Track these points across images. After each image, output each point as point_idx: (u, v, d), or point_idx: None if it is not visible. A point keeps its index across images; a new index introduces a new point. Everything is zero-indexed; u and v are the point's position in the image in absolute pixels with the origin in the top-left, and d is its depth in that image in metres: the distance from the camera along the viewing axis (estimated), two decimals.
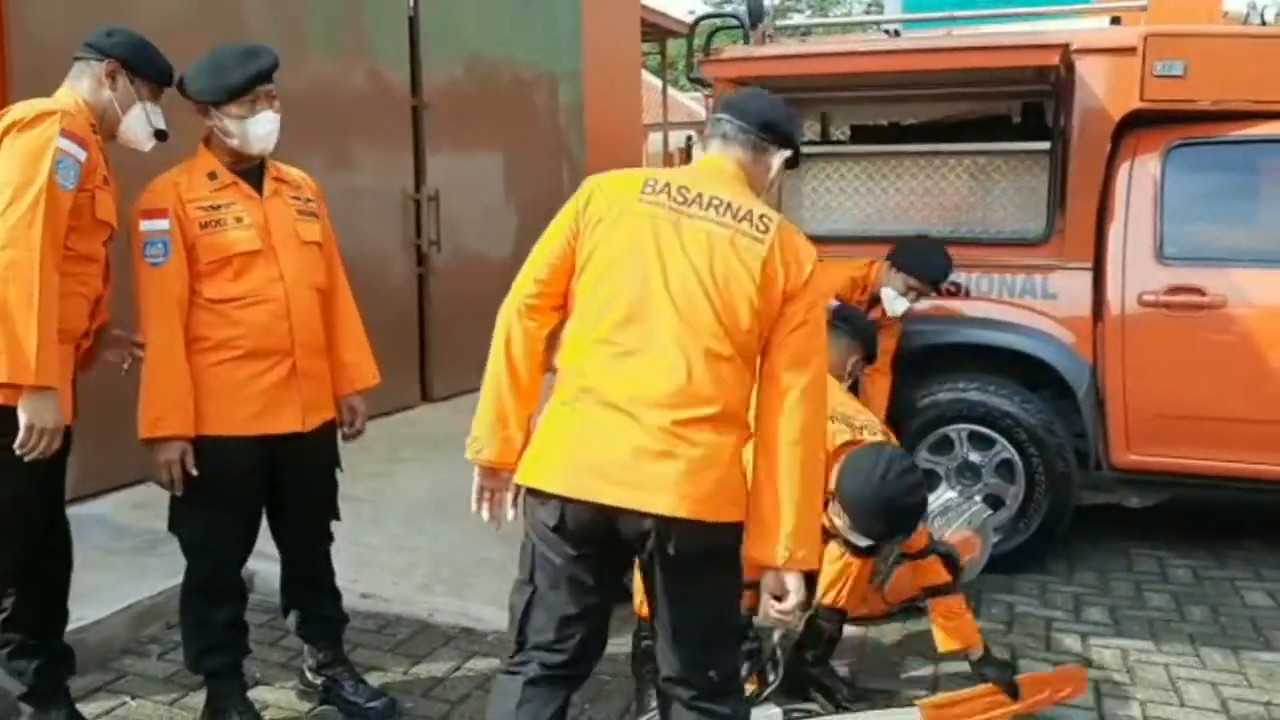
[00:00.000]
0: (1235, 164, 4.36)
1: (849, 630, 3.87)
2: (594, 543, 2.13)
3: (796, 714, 3.14)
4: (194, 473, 2.80)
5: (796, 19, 17.02)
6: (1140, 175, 4.37)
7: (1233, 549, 4.75)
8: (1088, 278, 4.42)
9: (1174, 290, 4.25)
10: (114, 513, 4.59)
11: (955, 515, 4.12)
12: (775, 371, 2.13)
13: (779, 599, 2.14)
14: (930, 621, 3.43)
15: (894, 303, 4.34)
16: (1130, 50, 4.28)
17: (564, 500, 2.10)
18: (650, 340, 2.08)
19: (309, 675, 3.30)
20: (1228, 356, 4.18)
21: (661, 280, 2.09)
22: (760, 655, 3.09)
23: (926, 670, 3.60)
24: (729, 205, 2.15)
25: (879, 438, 3.16)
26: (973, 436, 4.53)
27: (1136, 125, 4.40)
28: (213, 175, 2.87)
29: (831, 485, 3.00)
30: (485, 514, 2.31)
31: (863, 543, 3.13)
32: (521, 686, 2.18)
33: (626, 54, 10.49)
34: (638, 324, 2.09)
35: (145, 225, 2.79)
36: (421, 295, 7.23)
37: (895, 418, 4.56)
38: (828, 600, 3.29)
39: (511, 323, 2.22)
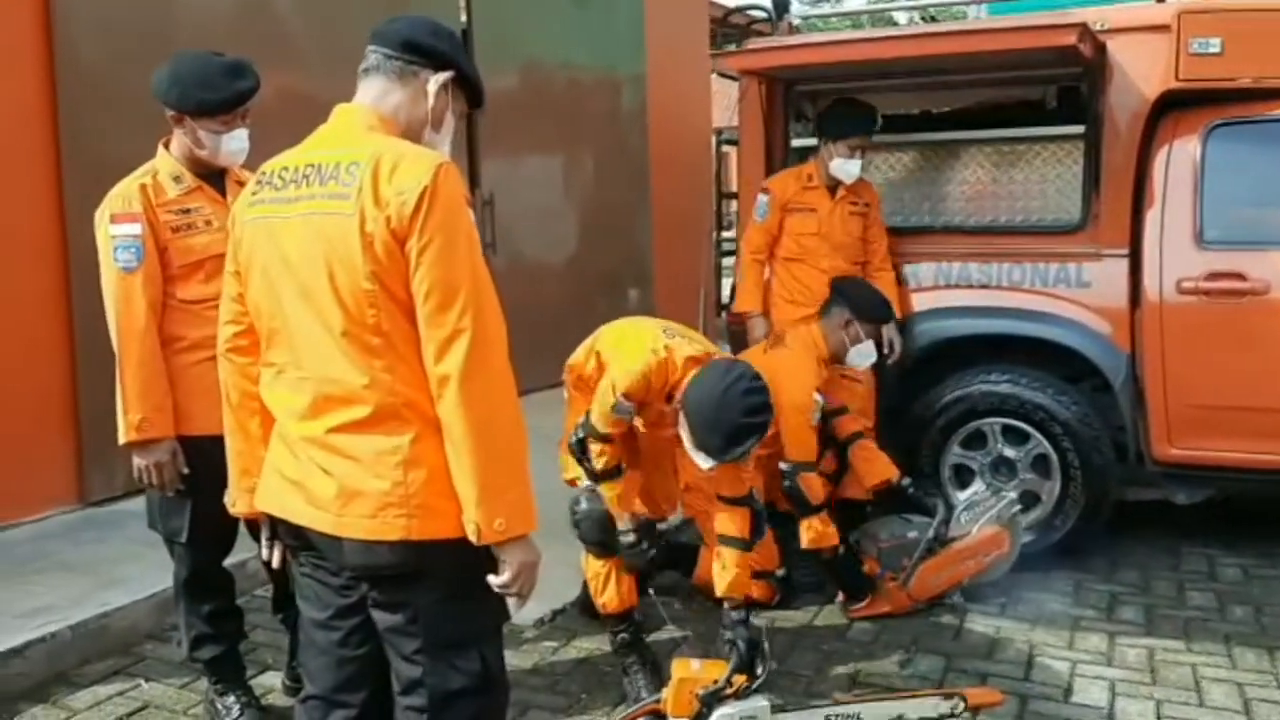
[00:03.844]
0: (1279, 143, 4.16)
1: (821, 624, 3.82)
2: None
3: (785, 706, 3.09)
4: (185, 470, 2.86)
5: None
6: (1178, 158, 4.19)
7: None
8: (1124, 265, 4.26)
9: (1214, 276, 4.07)
10: None
11: (981, 511, 4.02)
12: (421, 325, 1.81)
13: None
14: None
15: (847, 166, 4.41)
16: (1164, 28, 4.12)
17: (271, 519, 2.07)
18: (291, 354, 1.93)
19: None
20: (1271, 344, 3.99)
21: (280, 287, 1.92)
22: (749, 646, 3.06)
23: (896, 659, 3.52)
24: (319, 169, 1.88)
25: (701, 349, 3.26)
26: (1006, 431, 4.42)
27: (1173, 106, 4.23)
28: (178, 179, 2.89)
29: (678, 398, 3.13)
30: (275, 558, 2.18)
31: (706, 463, 3.12)
32: None
33: (694, 54, 10.43)
34: (280, 340, 1.96)
35: (115, 230, 2.80)
36: None
37: (913, 412, 4.51)
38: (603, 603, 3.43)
39: (224, 374, 2.12)
